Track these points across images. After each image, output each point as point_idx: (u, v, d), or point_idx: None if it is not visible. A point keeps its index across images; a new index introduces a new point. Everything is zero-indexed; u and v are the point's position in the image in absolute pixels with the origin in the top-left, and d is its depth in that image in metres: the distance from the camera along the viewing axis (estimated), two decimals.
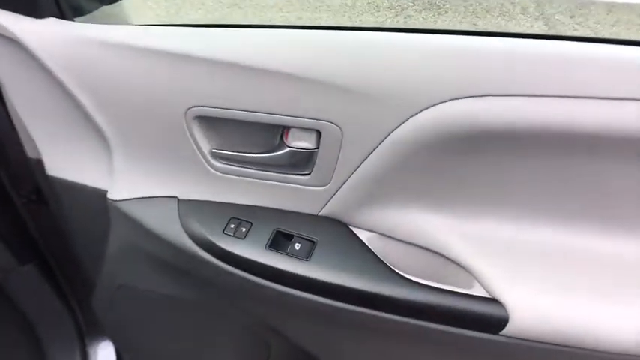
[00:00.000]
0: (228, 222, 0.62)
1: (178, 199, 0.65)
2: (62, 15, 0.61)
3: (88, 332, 1.19)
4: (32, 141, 0.71)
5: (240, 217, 0.62)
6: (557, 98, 0.47)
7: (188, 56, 0.55)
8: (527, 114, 0.48)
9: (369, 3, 2.13)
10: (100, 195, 0.68)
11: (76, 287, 1.11)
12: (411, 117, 0.51)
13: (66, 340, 1.17)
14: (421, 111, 0.50)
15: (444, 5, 2.07)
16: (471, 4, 2.06)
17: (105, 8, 0.65)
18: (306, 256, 0.60)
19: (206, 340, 0.83)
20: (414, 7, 2.09)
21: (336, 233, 0.62)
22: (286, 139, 0.59)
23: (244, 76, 0.54)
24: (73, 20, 0.61)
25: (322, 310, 0.61)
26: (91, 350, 1.19)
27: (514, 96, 0.48)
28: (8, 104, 0.71)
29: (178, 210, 0.64)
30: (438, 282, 0.58)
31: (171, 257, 0.66)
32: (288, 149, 0.58)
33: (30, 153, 0.76)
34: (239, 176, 0.61)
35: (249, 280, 0.61)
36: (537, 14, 1.98)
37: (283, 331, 0.71)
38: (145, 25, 0.60)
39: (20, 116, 0.69)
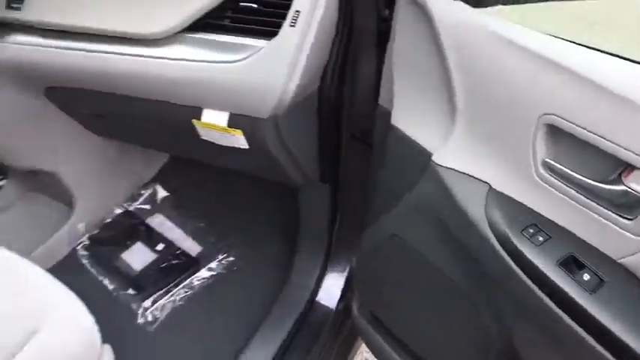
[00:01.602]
0: (529, 226, 0.66)
1: (490, 187, 0.71)
2: (468, 2, 0.71)
3: (332, 256, 1.38)
4: (391, 93, 0.85)
5: (542, 227, 0.66)
6: None
7: (560, 66, 0.60)
8: None
9: None
10: (424, 154, 0.79)
11: (346, 216, 1.29)
12: None
13: (313, 252, 1.38)
14: None
15: None
16: None
17: (503, 8, 0.74)
18: (591, 290, 0.60)
19: (445, 319, 0.91)
20: None
21: (629, 283, 0.61)
22: (626, 177, 0.59)
23: (608, 101, 0.56)
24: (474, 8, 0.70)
25: (578, 345, 0.61)
26: (327, 272, 1.39)
27: None
28: (387, 55, 0.86)
29: (487, 196, 0.70)
30: None
31: (459, 231, 0.74)
32: (624, 188, 0.59)
33: (382, 102, 0.91)
34: (560, 193, 0.64)
35: (522, 283, 0.65)
36: None
37: (523, 342, 0.73)
38: (527, 29, 0.66)
39: (392, 69, 0.83)
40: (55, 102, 1.28)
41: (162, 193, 1.64)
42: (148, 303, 1.33)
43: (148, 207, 1.61)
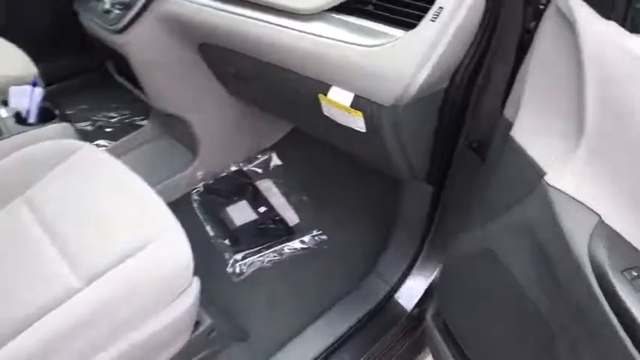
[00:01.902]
0: (631, 268, 0.63)
1: (600, 219, 0.68)
2: (623, 25, 0.68)
3: (421, 259, 1.37)
4: (517, 105, 0.83)
5: None
6: None
7: None
8: None
9: None
10: (536, 171, 0.76)
11: (443, 222, 1.28)
12: None
13: (403, 250, 1.38)
14: None
15: None
16: None
17: None
18: None
19: (519, 346, 0.88)
20: None
21: None
22: None
23: None
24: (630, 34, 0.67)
25: None
26: (412, 273, 1.39)
27: None
28: (522, 67, 0.85)
29: (595, 227, 0.67)
30: None
31: (557, 257, 0.71)
32: None
33: (506, 113, 0.90)
34: None
35: (611, 327, 0.61)
36: None
37: None
38: None
39: (525, 81, 0.82)
40: (204, 58, 1.41)
41: (276, 161, 1.74)
42: (239, 256, 1.43)
43: (260, 171, 1.71)
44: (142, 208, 1.05)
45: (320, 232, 1.51)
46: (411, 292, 1.37)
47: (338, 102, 1.04)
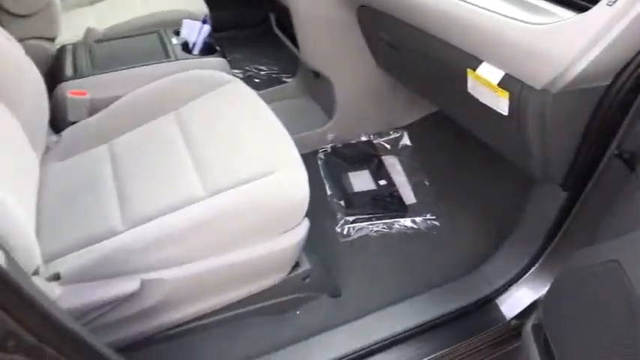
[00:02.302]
0: None
1: None
2: None
3: (536, 268, 1.28)
4: None
5: None
6: None
7: None
8: None
9: None
10: None
11: (571, 234, 1.18)
12: None
13: (518, 254, 1.30)
14: None
15: None
16: None
17: None
18: None
19: None
20: None
21: None
22: None
23: None
24: None
25: None
26: (521, 281, 1.30)
27: None
28: None
29: None
30: None
31: None
32: None
33: None
34: None
35: None
36: None
37: None
38: None
39: None
40: (361, 21, 1.44)
41: (406, 141, 1.73)
42: (350, 218, 1.46)
43: (388, 146, 1.72)
44: (272, 142, 1.12)
45: (434, 217, 1.48)
46: (514, 301, 1.29)
47: (486, 79, 1.01)
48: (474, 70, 1.03)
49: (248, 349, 1.16)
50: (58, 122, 1.31)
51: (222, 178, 1.04)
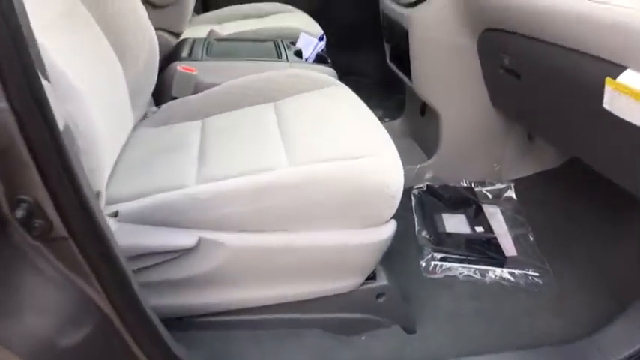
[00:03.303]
0: None
1: None
2: None
3: None
4: None
5: None
6: None
7: None
8: None
9: None
10: None
11: None
12: None
13: None
14: None
15: None
16: None
17: None
18: None
19: None
20: None
21: None
22: None
23: None
24: None
25: None
26: None
27: None
28: None
29: None
30: None
31: None
32: None
33: None
34: None
35: None
36: None
37: None
38: None
39: None
40: (482, 49, 1.36)
41: (511, 194, 1.55)
42: (438, 255, 1.29)
43: (490, 196, 1.55)
44: (370, 132, 1.03)
45: (536, 273, 1.27)
46: None
47: (630, 87, 0.86)
48: (614, 78, 0.89)
49: None
50: (161, 96, 1.32)
51: (307, 155, 0.95)
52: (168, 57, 1.43)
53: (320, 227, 0.91)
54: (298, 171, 0.89)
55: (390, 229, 0.95)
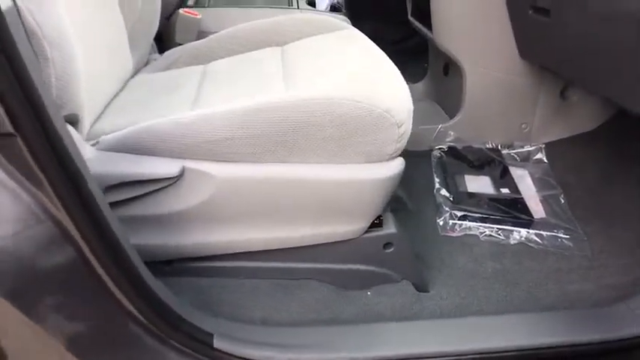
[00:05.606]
0: None
1: None
2: None
3: None
4: None
5: None
6: None
7: None
8: None
9: None
10: None
11: None
12: None
13: None
14: None
15: None
16: None
17: None
18: None
19: None
20: None
21: None
22: None
23: None
24: None
25: None
26: None
27: None
28: None
29: None
30: None
31: None
32: None
33: None
34: None
35: None
36: None
37: None
38: None
39: None
40: None
41: (541, 156, 1.43)
42: (458, 213, 1.18)
43: (518, 158, 1.43)
44: (376, 70, 0.93)
45: (567, 236, 1.15)
46: None
47: None
48: None
49: (296, 315, 0.91)
50: (164, 44, 1.26)
51: (308, 88, 0.87)
52: (177, 5, 1.37)
53: (317, 159, 0.82)
54: (293, 95, 0.81)
55: (396, 166, 0.85)
